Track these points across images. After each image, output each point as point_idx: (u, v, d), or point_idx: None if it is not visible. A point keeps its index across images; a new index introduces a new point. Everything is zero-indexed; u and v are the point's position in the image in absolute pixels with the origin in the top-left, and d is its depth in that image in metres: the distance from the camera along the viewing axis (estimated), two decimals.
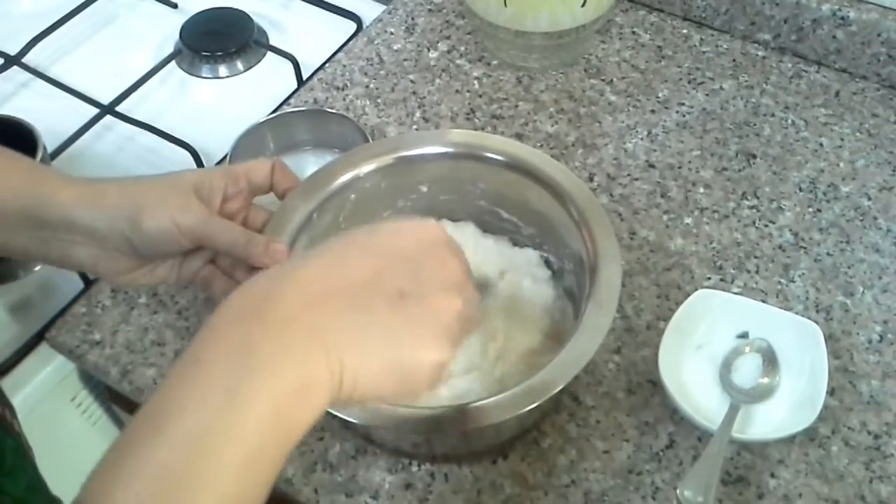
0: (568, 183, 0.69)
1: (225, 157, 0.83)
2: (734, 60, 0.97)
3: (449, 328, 0.45)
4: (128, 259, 0.61)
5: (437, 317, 0.45)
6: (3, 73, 0.99)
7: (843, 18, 0.91)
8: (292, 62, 0.98)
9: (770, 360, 0.71)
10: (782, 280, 0.78)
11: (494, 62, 0.98)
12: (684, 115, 0.92)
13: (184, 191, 0.60)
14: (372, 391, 0.44)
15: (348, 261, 0.45)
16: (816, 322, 0.71)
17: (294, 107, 0.93)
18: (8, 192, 0.58)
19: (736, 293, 0.76)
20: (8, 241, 0.60)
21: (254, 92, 0.99)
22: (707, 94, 0.93)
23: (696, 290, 0.73)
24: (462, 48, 0.99)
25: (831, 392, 0.71)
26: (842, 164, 0.87)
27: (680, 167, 0.87)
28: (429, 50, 0.99)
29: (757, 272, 0.79)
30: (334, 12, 1.07)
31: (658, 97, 0.93)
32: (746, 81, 0.94)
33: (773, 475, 0.67)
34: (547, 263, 0.74)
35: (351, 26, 1.05)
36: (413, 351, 0.44)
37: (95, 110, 0.94)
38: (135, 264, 0.62)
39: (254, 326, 0.41)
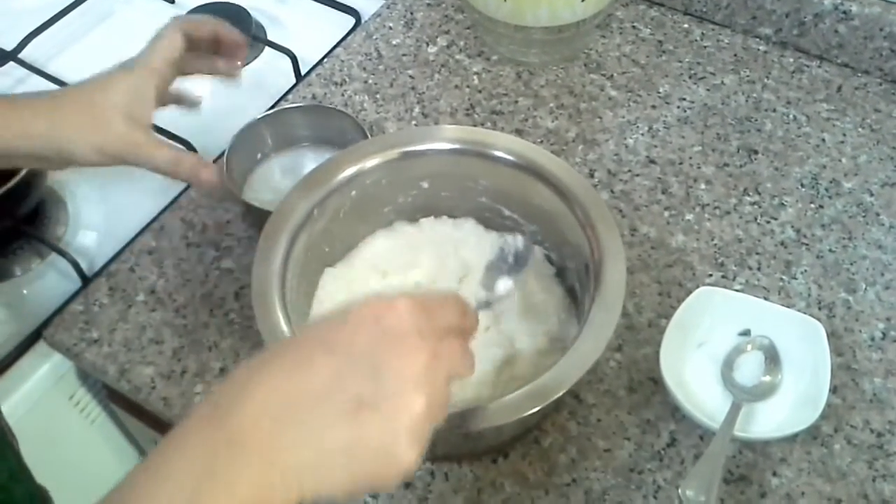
0: (572, 180, 0.68)
1: (222, 154, 0.82)
2: (735, 55, 0.96)
3: (412, 428, 0.44)
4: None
5: (398, 421, 0.43)
6: (0, 69, 0.98)
7: (845, 13, 0.90)
8: (290, 57, 0.97)
9: (772, 358, 0.70)
10: (784, 277, 0.78)
11: (494, 57, 0.97)
12: (685, 111, 0.91)
13: (106, 121, 0.62)
14: (333, 498, 0.44)
15: (309, 363, 0.44)
16: (819, 319, 0.70)
17: (292, 102, 0.93)
18: None
19: (737, 290, 0.76)
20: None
21: (251, 87, 0.98)
22: (708, 90, 0.93)
23: (697, 287, 0.73)
24: (461, 43, 0.99)
25: (834, 390, 0.70)
26: (844, 160, 0.86)
27: (681, 163, 0.86)
28: (428, 45, 0.99)
29: (759, 269, 0.78)
30: (333, 7, 1.06)
31: (659, 92, 0.93)
32: (748, 76, 0.94)
33: (775, 474, 0.67)
34: (549, 261, 0.74)
35: (349, 21, 1.04)
36: (373, 465, 0.43)
37: None
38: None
39: (216, 436, 0.42)
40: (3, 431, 0.58)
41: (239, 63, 0.73)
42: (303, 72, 0.97)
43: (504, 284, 0.62)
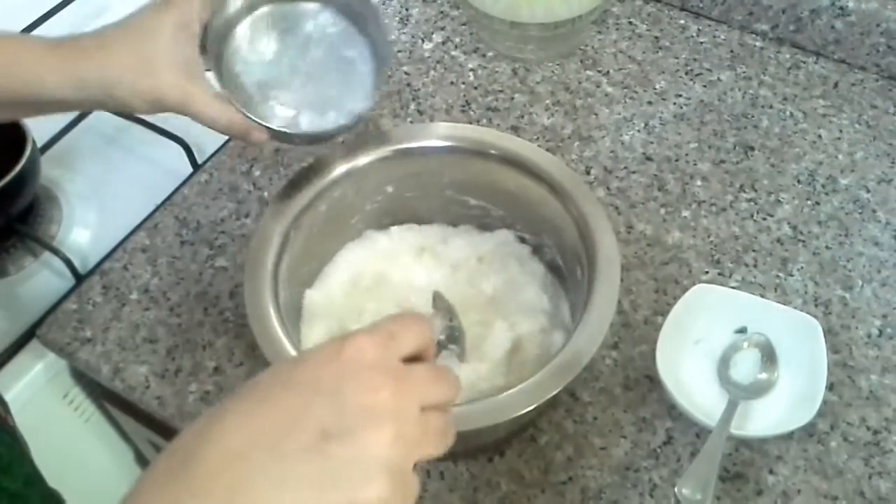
0: (539, 158, 0.70)
1: (215, 153, 0.82)
2: (732, 51, 0.96)
3: (383, 460, 0.42)
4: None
5: (365, 452, 0.42)
6: None
7: (841, 8, 0.90)
8: None
9: (769, 356, 0.70)
10: (781, 274, 0.77)
11: (490, 53, 0.97)
12: (681, 107, 0.91)
13: (158, 73, 0.60)
14: None
15: (269, 401, 0.43)
16: (815, 316, 0.70)
17: None
18: None
19: (734, 287, 0.75)
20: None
21: None
22: (704, 86, 0.93)
23: (693, 284, 0.72)
24: (457, 39, 0.98)
25: (830, 387, 0.70)
26: (840, 157, 0.86)
27: (677, 160, 0.86)
28: (423, 41, 0.98)
29: (755, 266, 0.78)
30: None
31: (655, 89, 0.92)
32: (744, 73, 0.94)
33: (771, 471, 0.66)
34: (522, 241, 0.75)
35: None
36: (342, 495, 0.42)
37: None
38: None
39: (179, 488, 0.41)
40: (16, 437, 0.58)
41: None
42: None
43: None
